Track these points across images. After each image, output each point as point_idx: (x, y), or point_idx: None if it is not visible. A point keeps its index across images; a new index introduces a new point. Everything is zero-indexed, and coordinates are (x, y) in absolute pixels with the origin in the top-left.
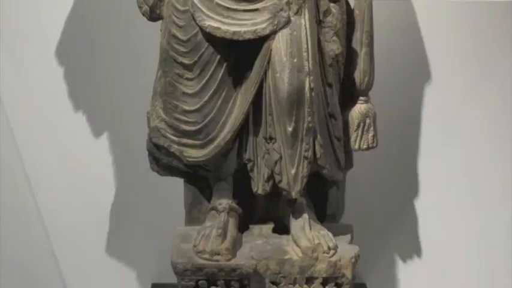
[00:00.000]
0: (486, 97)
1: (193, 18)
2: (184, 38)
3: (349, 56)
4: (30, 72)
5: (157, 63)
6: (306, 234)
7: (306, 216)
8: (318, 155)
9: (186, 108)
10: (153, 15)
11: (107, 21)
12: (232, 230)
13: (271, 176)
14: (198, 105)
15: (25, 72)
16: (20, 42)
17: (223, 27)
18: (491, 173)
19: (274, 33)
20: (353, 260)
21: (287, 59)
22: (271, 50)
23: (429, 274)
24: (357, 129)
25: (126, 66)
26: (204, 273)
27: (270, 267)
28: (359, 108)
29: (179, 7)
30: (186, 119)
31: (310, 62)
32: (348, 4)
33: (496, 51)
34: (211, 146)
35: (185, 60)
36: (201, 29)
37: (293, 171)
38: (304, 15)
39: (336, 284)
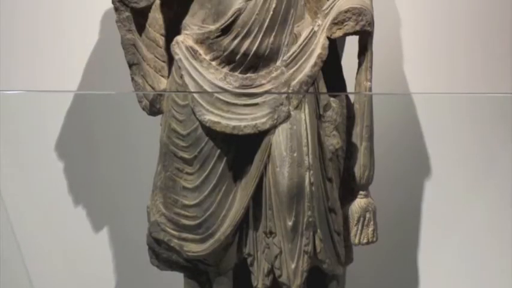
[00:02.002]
0: (486, 192)
1: (193, 113)
2: (184, 132)
3: (349, 150)
4: (31, 167)
5: (157, 158)
6: None
7: None
8: (318, 250)
9: (186, 202)
10: (153, 110)
11: (106, 116)
12: None
13: (271, 271)
14: (198, 200)
15: (25, 166)
16: (20, 137)
17: (223, 121)
18: (492, 269)
19: (274, 127)
20: None
21: (287, 153)
22: (271, 144)
23: None
24: (357, 223)
25: (126, 160)
26: None
27: None
28: (359, 203)
29: (179, 101)
30: (186, 213)
31: (310, 156)
32: (348, 98)
33: (496, 146)
34: (211, 241)
35: (185, 155)
36: (201, 124)
37: (293, 266)
38: (304, 109)
39: None
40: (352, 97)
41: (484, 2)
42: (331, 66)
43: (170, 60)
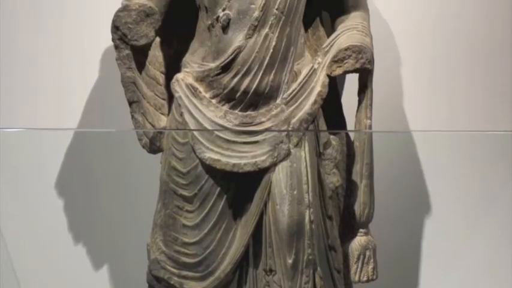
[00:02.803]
0: (486, 230)
1: (194, 151)
2: (184, 170)
3: (349, 188)
4: (31, 204)
5: (157, 196)
6: None
7: None
8: (318, 287)
9: (186, 240)
10: (153, 148)
11: (106, 154)
12: None
13: None
14: (198, 238)
15: (25, 204)
16: (20, 174)
17: (223, 159)
18: None
19: (274, 165)
20: None
21: (287, 191)
22: (271, 182)
23: None
24: (357, 261)
25: (126, 198)
26: None
27: None
28: (359, 241)
29: (179, 139)
30: (186, 251)
31: (310, 194)
32: (348, 136)
33: (496, 184)
34: (211, 278)
35: (185, 193)
36: (201, 161)
37: None
38: (304, 147)
39: None
40: (352, 135)
41: (484, 40)
42: (331, 104)
43: (170, 98)
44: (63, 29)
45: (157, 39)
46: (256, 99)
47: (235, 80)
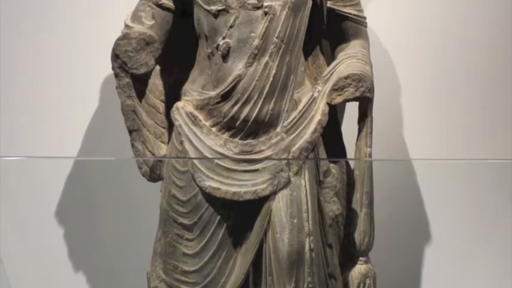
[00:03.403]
0: (486, 258)
1: (194, 179)
2: (184, 198)
3: (349, 216)
4: (31, 232)
5: (157, 224)
6: None
7: None
8: None
9: (186, 268)
10: (153, 176)
11: (106, 182)
12: None
13: None
14: (198, 266)
15: (26, 232)
16: (20, 203)
17: (223, 187)
18: None
19: (274, 193)
20: None
21: (287, 219)
22: (271, 210)
23: None
24: None
25: (126, 227)
26: None
27: None
28: (359, 269)
29: (179, 167)
30: (186, 279)
31: (310, 222)
32: (348, 164)
33: (496, 212)
34: None
35: (185, 221)
36: (201, 190)
37: None
38: (304, 175)
39: None
40: (352, 163)
41: (483, 69)
42: (331, 132)
43: (170, 126)
44: (63, 57)
45: (157, 67)
46: (256, 128)
47: (235, 108)
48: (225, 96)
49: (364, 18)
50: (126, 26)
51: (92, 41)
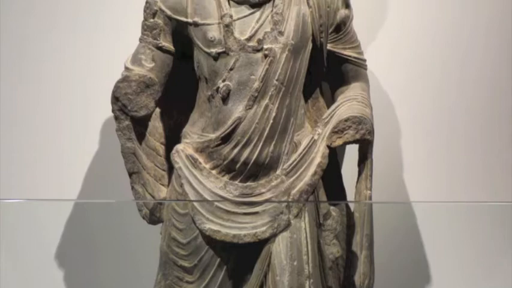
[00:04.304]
0: None
1: (194, 221)
2: (184, 241)
3: (349, 258)
4: (31, 275)
5: (157, 267)
6: None
7: None
8: None
9: None
10: (153, 218)
11: (106, 224)
12: None
13: None
14: None
15: (26, 274)
16: (21, 245)
17: (223, 230)
18: None
19: (274, 236)
20: None
21: (287, 262)
22: (271, 252)
23: None
24: None
25: (126, 269)
26: None
27: None
28: None
29: (179, 210)
30: None
31: (310, 265)
32: (348, 207)
33: (495, 255)
34: None
35: (185, 263)
36: (201, 232)
37: None
38: (304, 218)
39: None
40: (352, 205)
41: (483, 110)
42: (331, 175)
43: (170, 168)
44: (64, 99)
45: (158, 110)
46: (256, 170)
47: (235, 151)
48: (225, 139)
49: (364, 60)
50: (126, 68)
51: (92, 84)
